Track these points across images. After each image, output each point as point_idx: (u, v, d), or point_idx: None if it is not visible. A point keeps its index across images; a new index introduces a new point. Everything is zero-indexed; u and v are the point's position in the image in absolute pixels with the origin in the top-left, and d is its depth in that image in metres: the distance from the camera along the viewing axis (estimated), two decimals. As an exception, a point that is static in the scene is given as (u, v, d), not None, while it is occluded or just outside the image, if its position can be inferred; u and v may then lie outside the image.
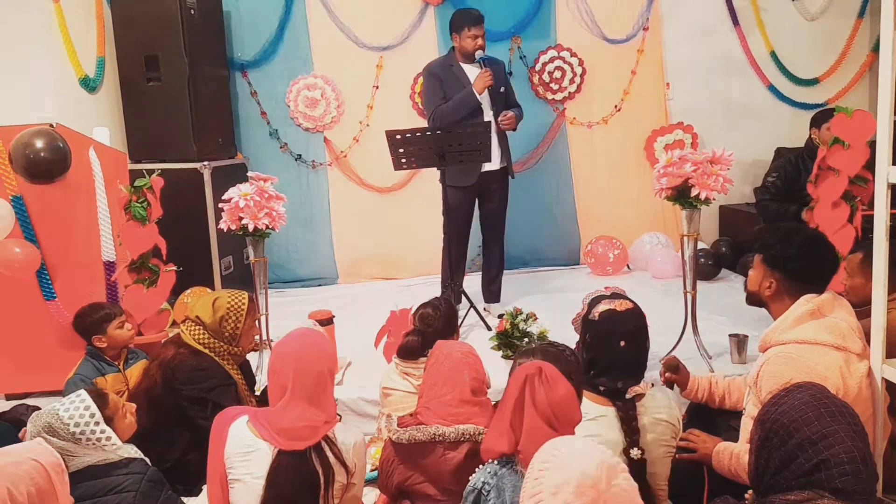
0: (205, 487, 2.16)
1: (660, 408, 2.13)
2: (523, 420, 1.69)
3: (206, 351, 2.59)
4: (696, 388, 2.51)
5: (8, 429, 2.66)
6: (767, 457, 1.57)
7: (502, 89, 4.07)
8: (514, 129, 4.08)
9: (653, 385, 2.18)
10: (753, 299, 2.39)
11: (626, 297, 2.31)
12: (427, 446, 2.07)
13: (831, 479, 1.46)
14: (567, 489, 1.28)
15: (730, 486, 2.04)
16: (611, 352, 2.13)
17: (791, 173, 4.09)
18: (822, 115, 4.05)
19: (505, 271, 4.41)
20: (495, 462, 1.75)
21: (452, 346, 2.26)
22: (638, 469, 1.98)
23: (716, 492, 2.04)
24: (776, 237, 2.31)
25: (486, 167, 3.97)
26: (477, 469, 1.78)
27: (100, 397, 2.02)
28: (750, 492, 1.69)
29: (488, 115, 3.98)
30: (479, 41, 3.95)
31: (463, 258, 4.14)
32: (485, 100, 3.97)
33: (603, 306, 2.20)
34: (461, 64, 4.01)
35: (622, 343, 2.12)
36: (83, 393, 2.02)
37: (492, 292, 4.30)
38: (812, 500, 1.45)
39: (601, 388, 2.12)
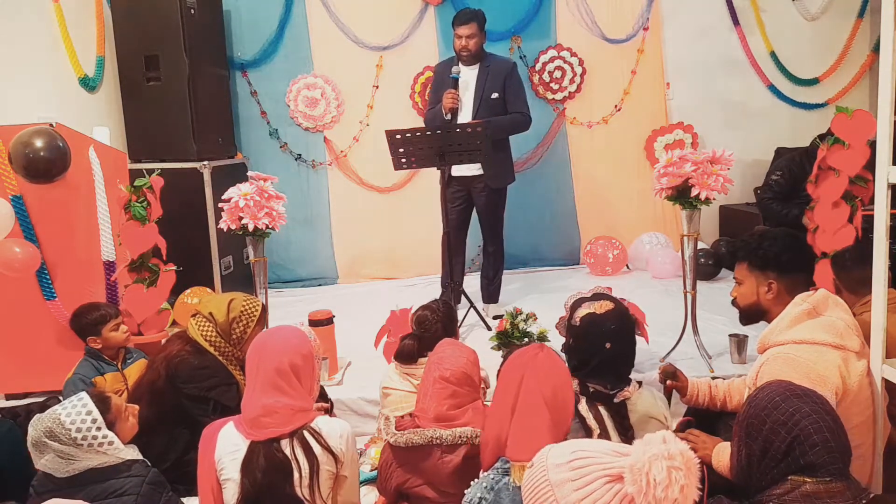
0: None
1: (647, 406, 2.14)
2: (518, 398, 1.75)
3: (211, 349, 2.58)
4: (697, 394, 2.49)
5: (10, 427, 2.64)
6: (748, 450, 1.62)
7: (495, 95, 3.94)
8: (489, 138, 3.71)
9: (640, 385, 2.18)
10: (750, 313, 2.39)
11: (608, 297, 2.30)
12: (424, 449, 2.07)
13: (804, 454, 1.52)
14: (661, 474, 1.27)
15: (730, 486, 2.04)
16: (597, 354, 2.13)
17: (796, 172, 4.01)
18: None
19: (505, 271, 4.41)
20: (490, 475, 1.74)
21: (453, 347, 2.26)
22: None
23: (716, 492, 2.04)
24: (756, 240, 2.34)
25: (458, 171, 3.91)
26: (472, 482, 1.77)
27: (102, 401, 2.00)
28: None
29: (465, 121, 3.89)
30: (464, 41, 3.90)
31: (458, 257, 4.06)
32: (466, 105, 3.93)
33: (583, 310, 2.21)
34: (458, 65, 3.97)
35: (607, 345, 2.12)
36: (85, 396, 1.99)
37: (489, 293, 4.28)
38: (795, 488, 1.52)
39: (591, 391, 2.12)
